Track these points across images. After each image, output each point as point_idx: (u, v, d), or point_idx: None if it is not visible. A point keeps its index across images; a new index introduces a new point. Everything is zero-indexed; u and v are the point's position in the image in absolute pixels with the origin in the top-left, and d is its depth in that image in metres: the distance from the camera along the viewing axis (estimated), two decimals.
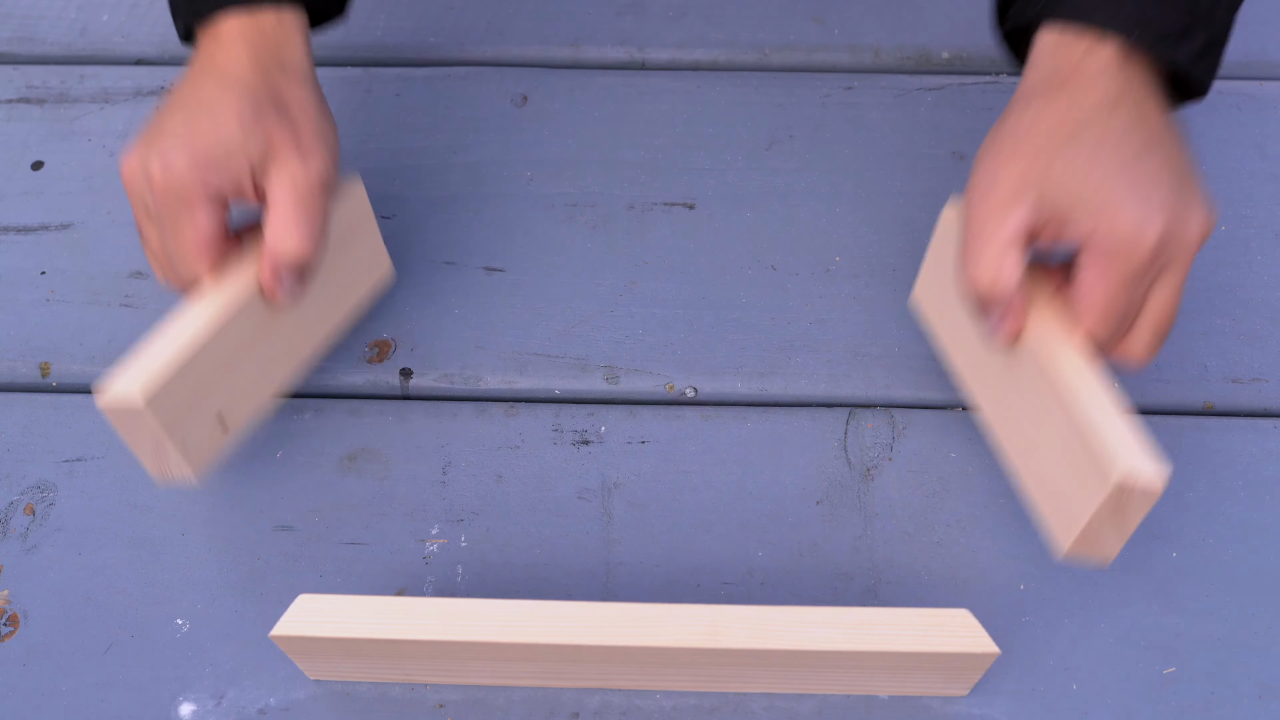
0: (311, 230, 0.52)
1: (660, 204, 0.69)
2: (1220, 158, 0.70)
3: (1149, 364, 0.51)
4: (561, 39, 0.76)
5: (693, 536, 0.58)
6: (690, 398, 0.62)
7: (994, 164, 0.48)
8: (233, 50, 0.53)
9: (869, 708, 0.53)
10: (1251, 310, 0.64)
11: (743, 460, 0.60)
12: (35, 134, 0.73)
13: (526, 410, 0.62)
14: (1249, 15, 0.75)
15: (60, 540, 0.58)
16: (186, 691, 0.54)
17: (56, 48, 0.77)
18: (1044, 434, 0.50)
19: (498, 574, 0.57)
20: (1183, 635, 0.54)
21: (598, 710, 0.53)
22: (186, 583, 0.57)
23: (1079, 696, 0.53)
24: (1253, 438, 0.60)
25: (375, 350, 0.64)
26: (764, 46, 0.76)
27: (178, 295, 0.53)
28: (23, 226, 0.69)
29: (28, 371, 0.64)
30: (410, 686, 0.54)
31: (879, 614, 0.48)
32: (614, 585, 0.56)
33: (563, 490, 0.59)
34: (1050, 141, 0.47)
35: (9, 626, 0.56)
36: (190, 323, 0.51)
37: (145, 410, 0.49)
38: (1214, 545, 0.57)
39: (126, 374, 0.49)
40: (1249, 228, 0.67)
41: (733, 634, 0.48)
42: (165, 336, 0.50)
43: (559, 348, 0.64)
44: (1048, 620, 0.55)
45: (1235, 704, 0.53)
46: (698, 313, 0.65)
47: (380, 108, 0.73)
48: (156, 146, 0.50)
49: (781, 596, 0.56)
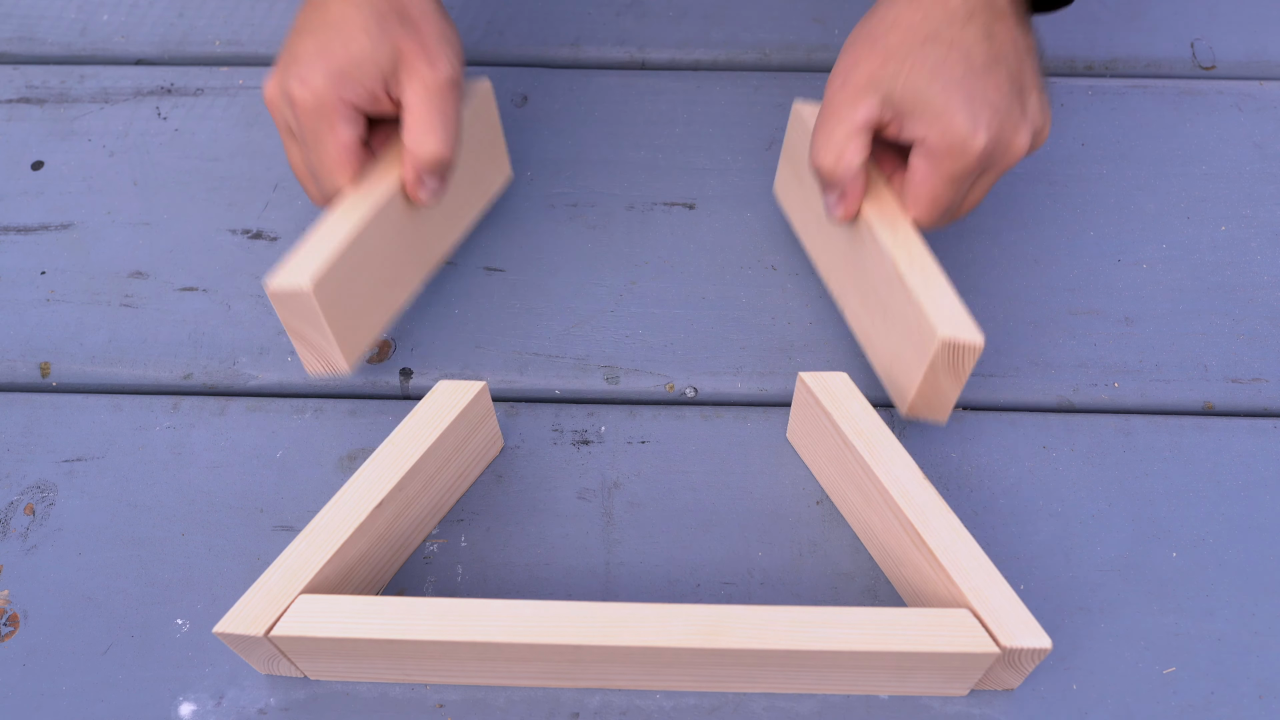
0: (447, 130, 0.54)
1: (660, 204, 0.69)
2: (1220, 158, 0.70)
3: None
4: (561, 39, 0.76)
5: (693, 536, 0.58)
6: (690, 398, 0.62)
7: (853, 57, 0.53)
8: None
9: (869, 708, 0.53)
10: (1251, 310, 0.64)
11: (743, 460, 0.60)
12: (35, 134, 0.73)
13: (526, 410, 0.62)
14: (1249, 15, 0.75)
15: (60, 540, 0.58)
16: (186, 691, 0.54)
17: (56, 48, 0.77)
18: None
19: (498, 574, 0.57)
20: (1183, 635, 0.54)
21: (598, 710, 0.53)
22: (186, 583, 0.57)
23: (1079, 696, 0.53)
24: (1253, 438, 0.60)
25: (375, 350, 0.64)
26: (764, 46, 0.76)
27: (324, 208, 0.56)
28: (23, 226, 0.69)
29: (28, 371, 0.64)
30: (410, 686, 0.54)
31: (879, 614, 0.48)
32: (614, 585, 0.56)
33: (563, 490, 0.59)
34: (905, 43, 0.51)
35: (9, 626, 0.56)
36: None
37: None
38: (1214, 545, 0.57)
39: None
40: (1249, 228, 0.67)
41: (733, 634, 0.48)
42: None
43: (559, 348, 0.64)
44: (1048, 620, 0.55)
45: (1235, 704, 0.53)
46: (698, 313, 0.65)
47: None
48: (293, 69, 0.53)
49: (781, 596, 0.56)
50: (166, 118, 0.73)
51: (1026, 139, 0.52)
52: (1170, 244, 0.66)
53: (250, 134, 0.72)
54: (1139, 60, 0.74)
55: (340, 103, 0.53)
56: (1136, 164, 0.70)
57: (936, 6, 0.51)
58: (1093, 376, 0.62)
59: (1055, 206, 0.68)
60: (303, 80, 0.53)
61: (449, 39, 0.55)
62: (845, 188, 0.54)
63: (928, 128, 0.51)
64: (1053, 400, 0.61)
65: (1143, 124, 0.71)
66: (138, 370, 0.63)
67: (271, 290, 0.53)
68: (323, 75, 0.53)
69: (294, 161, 0.57)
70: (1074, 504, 0.58)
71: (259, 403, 0.62)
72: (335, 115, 0.53)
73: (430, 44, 0.54)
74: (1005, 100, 0.51)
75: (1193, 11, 0.76)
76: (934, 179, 0.52)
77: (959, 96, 0.50)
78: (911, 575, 0.53)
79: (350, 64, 0.53)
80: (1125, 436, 0.60)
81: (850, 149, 0.52)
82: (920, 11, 0.52)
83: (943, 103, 0.50)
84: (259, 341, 0.64)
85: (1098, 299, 0.64)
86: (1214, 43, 0.75)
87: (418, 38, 0.53)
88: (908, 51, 0.51)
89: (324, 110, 0.53)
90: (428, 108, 0.53)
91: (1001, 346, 0.63)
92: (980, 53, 0.51)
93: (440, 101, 0.54)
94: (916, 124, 0.51)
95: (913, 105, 0.51)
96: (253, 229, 0.68)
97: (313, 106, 0.53)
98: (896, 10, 0.52)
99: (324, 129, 0.54)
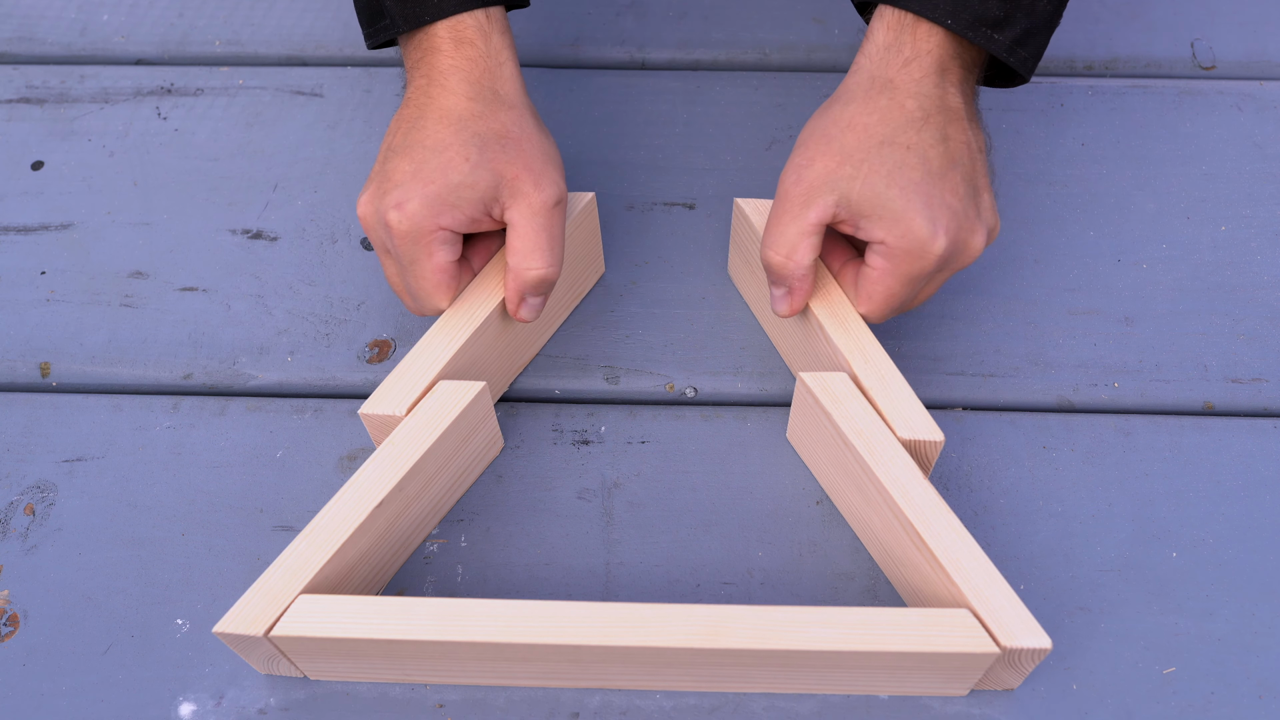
0: (553, 251, 0.54)
1: (660, 204, 0.69)
2: (1220, 158, 0.70)
3: None
4: (561, 39, 0.76)
5: (693, 536, 0.58)
6: (690, 398, 0.62)
7: (807, 155, 0.53)
8: (449, 84, 0.54)
9: (869, 708, 0.53)
10: (1251, 310, 0.64)
11: (743, 460, 0.60)
12: (35, 134, 0.73)
13: (526, 410, 0.62)
14: (1249, 15, 0.75)
15: (60, 540, 0.58)
16: (186, 691, 0.54)
17: (56, 48, 0.77)
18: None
19: (498, 574, 0.57)
20: (1183, 635, 0.54)
21: (598, 710, 0.53)
22: (186, 583, 0.57)
23: (1079, 696, 0.53)
24: (1253, 438, 0.60)
25: (375, 350, 0.64)
26: (764, 46, 0.76)
27: (423, 319, 0.57)
28: (23, 226, 0.69)
29: (28, 371, 0.64)
30: (410, 686, 0.54)
31: (879, 614, 0.48)
32: (614, 585, 0.56)
33: (563, 490, 0.59)
34: (861, 145, 0.51)
35: (9, 626, 0.56)
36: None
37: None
38: (1214, 545, 0.57)
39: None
40: (1249, 228, 0.67)
41: (733, 634, 0.48)
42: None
43: (559, 348, 0.64)
44: (1048, 620, 0.55)
45: (1235, 704, 0.53)
46: (698, 313, 0.65)
47: (380, 108, 0.73)
48: (391, 195, 0.53)
49: (781, 596, 0.56)
50: (166, 118, 0.73)
51: (982, 240, 0.52)
52: (1170, 244, 0.66)
53: (250, 134, 0.72)
54: (1139, 60, 0.74)
55: (438, 229, 0.53)
56: (1136, 164, 0.70)
57: (893, 109, 0.52)
58: (1093, 376, 0.62)
59: (1055, 206, 0.68)
60: (399, 206, 0.52)
61: (552, 158, 0.55)
62: (793, 285, 0.54)
63: (886, 231, 0.51)
64: (1053, 400, 0.61)
65: (1143, 124, 0.71)
66: (138, 370, 0.63)
67: (365, 414, 0.54)
68: (420, 201, 0.52)
69: (389, 276, 0.57)
70: (1074, 504, 0.58)
71: (259, 403, 0.62)
72: (433, 241, 0.53)
73: (535, 165, 0.53)
74: (962, 203, 0.51)
75: (1193, 11, 0.76)
76: (891, 279, 0.52)
77: (918, 201, 0.50)
78: (911, 575, 0.53)
79: (448, 191, 0.52)
80: (1125, 436, 0.60)
81: (802, 248, 0.52)
82: (876, 114, 0.52)
83: (901, 206, 0.50)
84: (259, 341, 0.64)
85: (1098, 299, 0.64)
86: (1214, 43, 0.75)
87: (522, 159, 0.53)
88: (865, 154, 0.51)
89: (421, 237, 0.53)
90: (533, 229, 0.53)
91: (1001, 346, 0.63)
92: (936, 156, 0.51)
93: (546, 222, 0.54)
94: (875, 227, 0.51)
95: (871, 208, 0.51)
96: (253, 229, 0.68)
97: (409, 232, 0.53)
98: (851, 111, 0.52)
99: (421, 255, 0.54)
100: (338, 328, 0.64)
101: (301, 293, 0.66)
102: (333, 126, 0.72)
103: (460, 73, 0.54)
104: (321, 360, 0.63)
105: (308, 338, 0.64)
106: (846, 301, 0.56)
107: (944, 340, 0.63)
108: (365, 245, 0.67)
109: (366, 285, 0.66)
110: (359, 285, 0.66)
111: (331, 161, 0.71)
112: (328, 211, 0.69)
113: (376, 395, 0.54)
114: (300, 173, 0.70)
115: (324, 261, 0.67)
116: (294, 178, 0.70)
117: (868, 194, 0.51)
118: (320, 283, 0.66)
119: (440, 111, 0.53)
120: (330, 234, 0.68)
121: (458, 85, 0.54)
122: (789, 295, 0.55)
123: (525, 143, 0.54)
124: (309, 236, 0.68)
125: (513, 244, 0.54)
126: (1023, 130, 0.71)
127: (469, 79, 0.54)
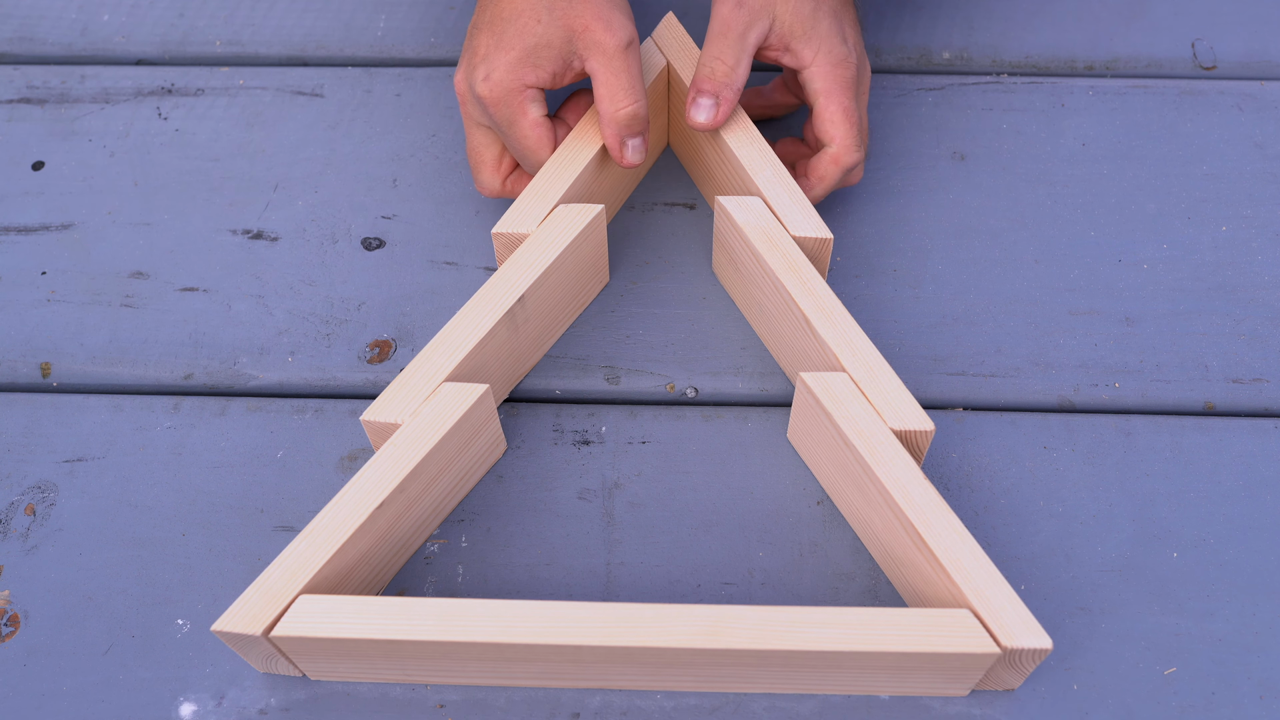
0: (635, 89, 0.58)
1: (660, 204, 0.69)
2: (1221, 158, 0.70)
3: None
4: None
5: (693, 536, 0.58)
6: (690, 398, 0.62)
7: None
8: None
9: (869, 708, 0.53)
10: (1252, 310, 0.64)
11: (743, 460, 0.60)
12: (35, 134, 0.73)
13: (526, 410, 0.62)
14: (1249, 15, 0.75)
15: (60, 540, 0.58)
16: (187, 691, 0.54)
17: (56, 48, 0.77)
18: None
19: (498, 574, 0.57)
20: (1183, 636, 0.54)
21: (598, 710, 0.53)
22: (186, 583, 0.57)
23: (1079, 696, 0.53)
24: (1253, 438, 0.60)
25: (375, 350, 0.64)
26: None
27: (496, 200, 0.59)
28: (23, 226, 0.69)
29: (28, 371, 0.64)
30: (410, 686, 0.54)
31: (879, 614, 0.48)
32: (614, 585, 0.56)
33: (563, 490, 0.59)
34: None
35: (9, 626, 0.56)
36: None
37: None
38: (1214, 545, 0.57)
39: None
40: (1249, 228, 0.67)
41: (733, 634, 0.48)
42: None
43: (559, 348, 0.64)
44: (1048, 620, 0.55)
45: (1235, 704, 0.53)
46: (698, 312, 0.65)
47: (380, 108, 0.73)
48: (477, 68, 0.58)
49: (781, 596, 0.56)
50: (167, 118, 0.73)
51: (866, 65, 0.63)
52: (1171, 244, 0.66)
53: (250, 134, 0.72)
54: (1139, 60, 0.74)
55: (524, 89, 0.58)
56: (1137, 164, 0.70)
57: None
58: (1093, 376, 0.62)
59: (1055, 206, 0.68)
60: (486, 78, 0.58)
61: (618, 3, 0.59)
62: (726, 96, 0.59)
63: (815, 49, 0.59)
64: (1053, 400, 0.61)
65: (1143, 124, 0.71)
66: (138, 370, 0.63)
67: (367, 420, 0.55)
68: (504, 69, 0.57)
69: (471, 148, 0.63)
70: (1074, 504, 0.58)
71: (259, 403, 0.62)
72: (524, 101, 0.58)
73: (603, 12, 0.57)
74: (855, 34, 0.62)
75: (1193, 11, 0.76)
76: (839, 92, 0.59)
77: (835, 26, 0.60)
78: (912, 575, 0.53)
79: (527, 53, 0.57)
80: (1126, 437, 0.60)
81: (743, 62, 0.59)
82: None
83: (827, 28, 0.59)
84: (259, 341, 0.64)
85: (1098, 299, 0.64)
86: (1214, 43, 0.75)
87: (590, 9, 0.57)
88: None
89: (511, 100, 0.58)
90: (613, 72, 0.58)
91: (1002, 346, 0.63)
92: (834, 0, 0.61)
93: (624, 64, 0.58)
94: (804, 47, 0.59)
95: (802, 29, 0.59)
96: (253, 229, 0.68)
97: (500, 98, 0.58)
98: None
99: (516, 115, 0.59)
100: (338, 328, 0.64)
101: (302, 293, 0.66)
102: (333, 126, 0.72)
103: None
104: (322, 360, 0.63)
105: (308, 338, 0.64)
106: (833, 295, 0.56)
107: (945, 340, 0.63)
108: (365, 245, 0.67)
109: (367, 285, 0.66)
110: (359, 285, 0.66)
111: (332, 161, 0.71)
112: (328, 211, 0.69)
113: (380, 401, 0.54)
114: (301, 173, 0.70)
115: (324, 261, 0.67)
116: (294, 178, 0.70)
117: (799, 18, 0.59)
118: (321, 283, 0.66)
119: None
120: (331, 234, 0.68)
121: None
122: (717, 105, 0.59)
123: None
124: (309, 236, 0.68)
125: (599, 92, 0.58)
126: (1023, 130, 0.71)
127: None
